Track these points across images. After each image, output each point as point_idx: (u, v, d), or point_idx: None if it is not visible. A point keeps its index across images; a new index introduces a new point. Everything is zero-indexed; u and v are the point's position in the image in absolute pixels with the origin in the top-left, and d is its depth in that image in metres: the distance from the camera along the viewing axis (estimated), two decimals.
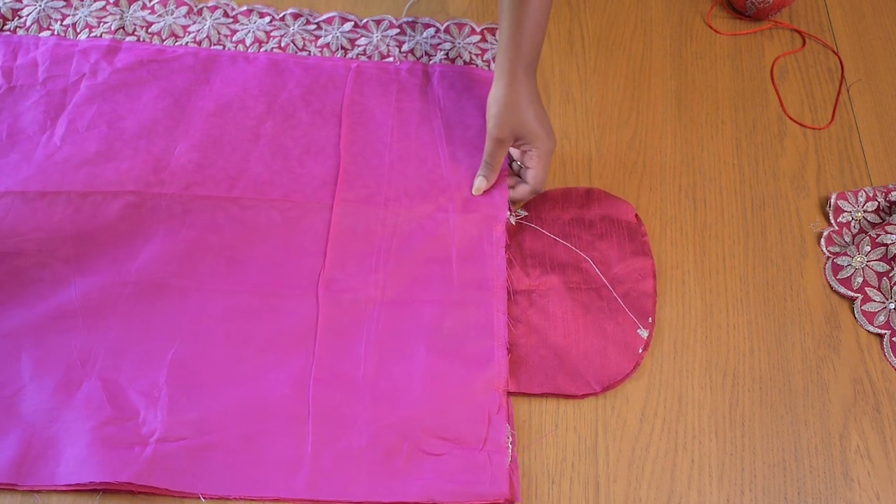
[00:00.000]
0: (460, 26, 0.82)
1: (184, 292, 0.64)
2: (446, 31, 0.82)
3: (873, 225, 0.73)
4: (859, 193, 0.74)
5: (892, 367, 0.66)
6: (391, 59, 0.79)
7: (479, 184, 0.70)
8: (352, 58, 0.79)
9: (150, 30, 0.79)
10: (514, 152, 0.72)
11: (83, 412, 0.59)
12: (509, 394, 0.63)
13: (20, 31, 0.77)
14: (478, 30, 0.82)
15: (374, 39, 0.80)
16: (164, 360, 0.61)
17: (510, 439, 0.60)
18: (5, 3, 0.79)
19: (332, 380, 0.62)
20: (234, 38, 0.79)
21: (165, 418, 0.59)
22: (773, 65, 0.84)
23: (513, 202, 0.72)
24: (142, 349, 0.62)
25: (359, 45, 0.80)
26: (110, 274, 0.64)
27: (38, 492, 0.56)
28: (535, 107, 0.67)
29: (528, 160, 0.69)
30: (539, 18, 0.67)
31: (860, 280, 0.69)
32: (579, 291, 0.67)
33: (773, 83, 0.82)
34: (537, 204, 0.72)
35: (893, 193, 0.74)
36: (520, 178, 0.72)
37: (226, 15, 0.81)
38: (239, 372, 0.61)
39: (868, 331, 0.68)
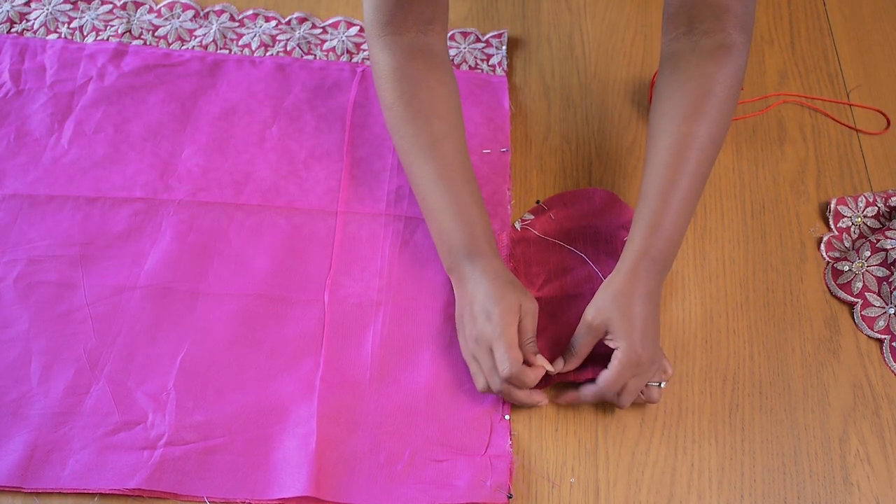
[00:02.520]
0: (465, 34, 0.83)
1: (191, 297, 0.65)
2: (451, 38, 0.82)
3: (873, 230, 0.73)
4: (859, 198, 0.75)
5: (892, 371, 0.67)
6: None
7: (556, 366, 0.62)
8: (357, 62, 0.80)
9: (156, 33, 0.79)
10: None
11: (92, 417, 0.59)
12: None
13: (28, 34, 0.78)
14: (483, 39, 0.82)
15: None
16: (172, 364, 0.62)
17: (511, 443, 0.61)
18: (13, 6, 0.79)
19: (338, 383, 0.62)
20: (241, 42, 0.80)
21: (173, 422, 0.59)
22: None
23: (571, 400, 0.63)
24: (150, 353, 0.62)
25: (364, 50, 0.81)
26: (119, 279, 0.65)
27: (39, 494, 0.57)
28: (641, 308, 0.59)
29: (612, 362, 0.59)
30: (682, 212, 0.61)
31: (860, 285, 0.70)
32: (584, 298, 0.67)
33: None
34: (549, 204, 0.72)
35: (893, 199, 0.74)
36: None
37: (232, 19, 0.81)
38: (246, 376, 0.62)
39: (868, 335, 0.68)
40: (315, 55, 0.80)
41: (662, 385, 0.62)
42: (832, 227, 0.74)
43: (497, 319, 0.59)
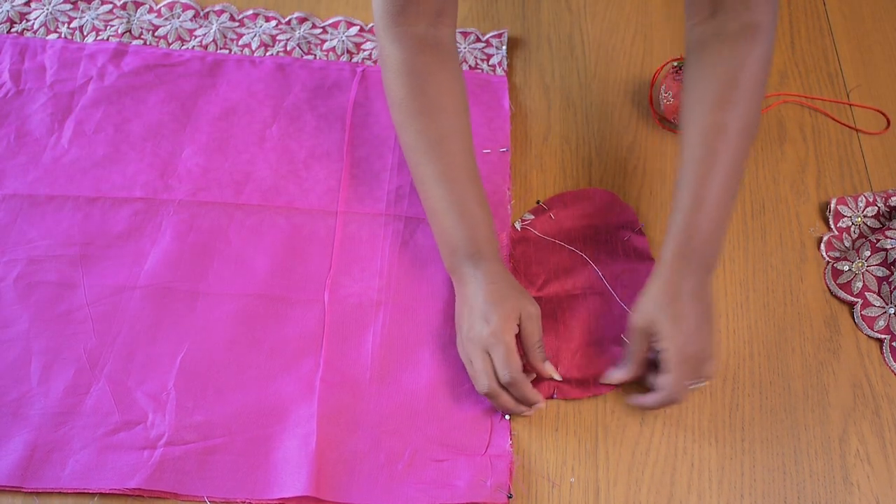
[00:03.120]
0: (465, 34, 0.83)
1: (192, 297, 0.65)
2: None
3: (873, 230, 0.73)
4: (859, 198, 0.75)
5: (892, 371, 0.67)
6: None
7: (612, 376, 0.62)
8: (357, 62, 0.80)
9: (156, 33, 0.79)
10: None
11: (92, 417, 0.59)
12: None
13: (28, 34, 0.78)
14: (483, 38, 0.82)
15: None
16: (172, 364, 0.62)
17: (511, 443, 0.61)
18: (13, 6, 0.79)
19: (338, 382, 0.62)
20: (241, 42, 0.80)
21: (173, 422, 0.59)
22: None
23: (643, 405, 0.62)
24: (150, 353, 0.62)
25: (364, 49, 0.81)
26: (119, 279, 0.65)
27: (39, 494, 0.57)
28: (687, 308, 0.58)
29: (663, 365, 0.59)
30: (718, 206, 0.59)
31: (860, 285, 0.70)
32: (584, 297, 0.67)
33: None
34: (549, 205, 0.73)
35: (893, 199, 0.74)
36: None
37: (232, 19, 0.81)
38: (246, 376, 0.62)
39: (868, 335, 0.68)
40: (315, 55, 0.80)
41: (702, 384, 0.60)
42: (832, 226, 0.74)
43: (495, 324, 0.58)
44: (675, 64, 0.76)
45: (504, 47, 0.82)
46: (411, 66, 0.63)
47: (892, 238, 0.70)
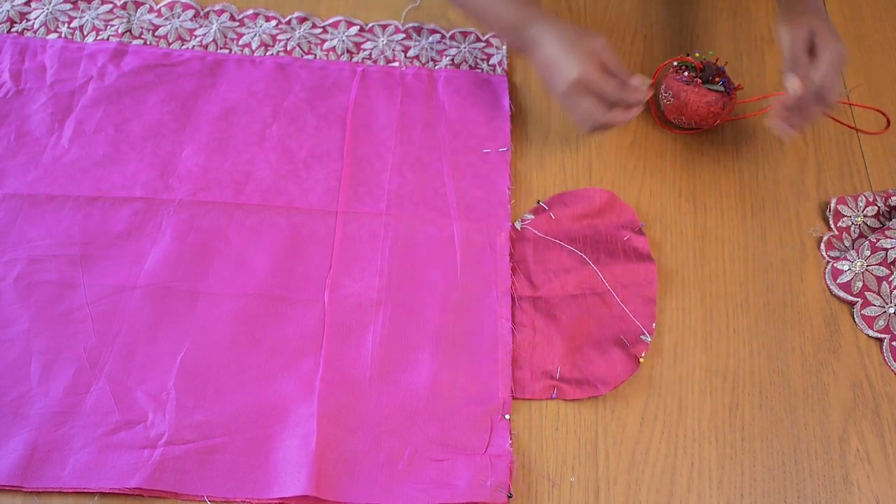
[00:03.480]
0: (465, 34, 0.83)
1: (192, 296, 0.65)
2: (452, 38, 0.82)
3: (873, 229, 0.73)
4: (859, 198, 0.75)
5: (892, 371, 0.67)
6: (396, 63, 0.80)
7: (793, 82, 0.67)
8: (357, 61, 0.80)
9: (156, 33, 0.79)
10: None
11: (92, 417, 0.59)
12: (513, 398, 0.63)
13: (28, 34, 0.78)
14: (483, 38, 0.83)
15: (380, 44, 0.81)
16: (172, 364, 0.62)
17: (511, 443, 0.61)
18: (13, 5, 0.79)
19: (338, 382, 0.62)
20: (241, 42, 0.80)
21: (173, 421, 0.59)
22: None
23: (782, 128, 0.68)
24: (150, 353, 0.62)
25: (364, 50, 0.81)
26: (119, 278, 0.65)
27: (39, 493, 0.57)
28: (822, 14, 0.68)
29: (819, 63, 0.66)
30: None
31: (860, 284, 0.70)
32: (584, 297, 0.67)
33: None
34: (549, 204, 0.73)
35: (893, 198, 0.74)
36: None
37: (232, 18, 0.81)
38: (246, 375, 0.62)
39: (868, 335, 0.69)
40: (315, 55, 0.80)
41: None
42: (832, 226, 0.74)
43: (585, 64, 0.65)
44: (676, 64, 0.76)
45: (504, 47, 0.82)
46: None
47: (892, 238, 0.70)
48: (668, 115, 0.77)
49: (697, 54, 0.76)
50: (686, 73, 0.75)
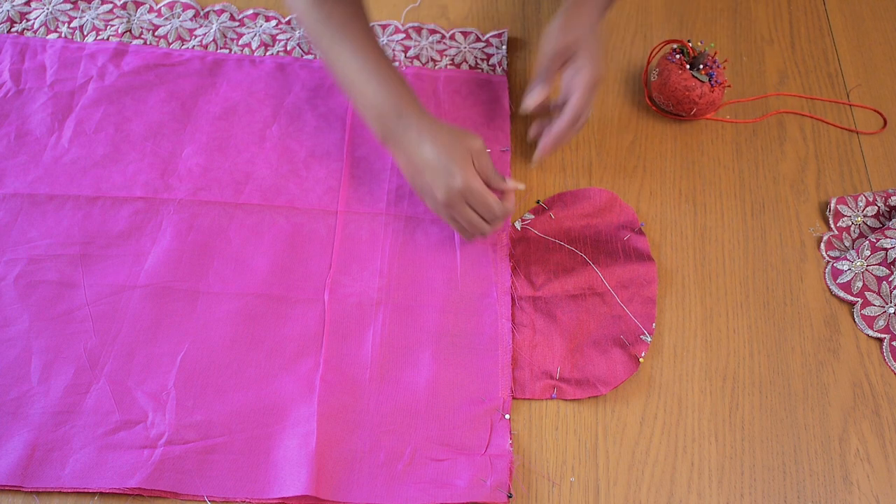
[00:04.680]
0: (465, 34, 0.83)
1: (192, 296, 0.65)
2: (451, 38, 0.82)
3: (873, 229, 0.73)
4: (859, 198, 0.75)
5: (892, 370, 0.67)
6: (396, 63, 0.80)
7: (534, 95, 0.67)
8: None
9: (156, 33, 0.79)
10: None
11: (92, 417, 0.59)
12: (513, 398, 0.63)
13: (28, 34, 0.78)
14: (483, 38, 0.83)
15: (380, 44, 0.81)
16: (172, 364, 0.62)
17: (511, 443, 0.61)
18: (13, 5, 0.79)
19: (338, 382, 0.62)
20: (241, 42, 0.80)
21: (173, 421, 0.60)
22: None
23: (547, 147, 0.68)
24: (150, 352, 0.62)
25: None
26: (119, 278, 0.65)
27: (39, 493, 0.57)
28: (594, 31, 0.66)
29: (575, 83, 0.66)
30: None
31: (860, 284, 0.70)
32: (584, 298, 0.67)
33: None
34: (549, 204, 0.73)
35: (893, 198, 0.74)
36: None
37: (232, 18, 0.81)
38: (246, 375, 0.62)
39: (867, 335, 0.69)
40: (315, 55, 0.80)
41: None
42: (832, 226, 0.74)
43: (460, 176, 0.61)
44: (676, 47, 0.76)
45: (504, 47, 0.82)
46: None
47: (892, 238, 0.70)
48: (652, 91, 0.79)
49: (700, 43, 0.77)
50: (678, 56, 0.76)
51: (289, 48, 0.80)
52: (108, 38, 0.78)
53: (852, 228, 0.74)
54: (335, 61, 0.65)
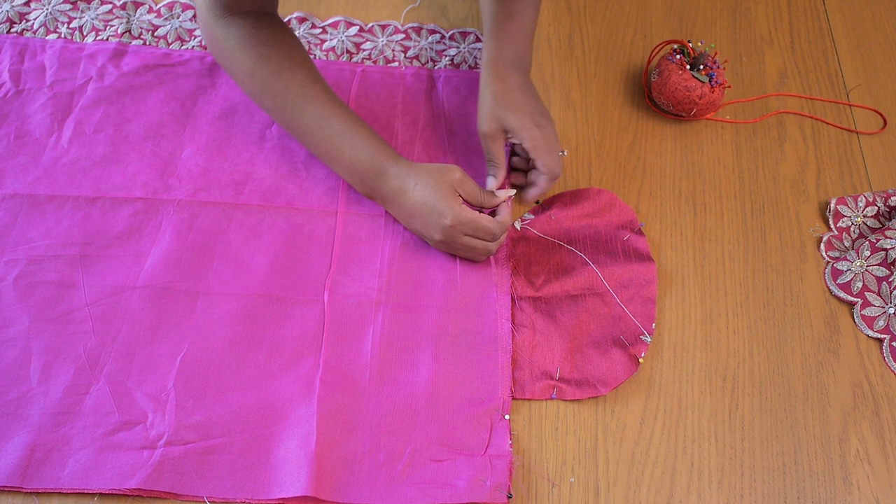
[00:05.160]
0: (465, 34, 0.83)
1: (191, 297, 0.65)
2: (451, 38, 0.82)
3: (873, 230, 0.73)
4: (859, 198, 0.75)
5: (892, 371, 0.67)
6: (396, 63, 0.80)
7: (489, 183, 0.69)
8: (357, 62, 0.80)
9: (156, 33, 0.79)
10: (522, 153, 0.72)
11: (91, 417, 0.59)
12: (512, 399, 0.63)
13: (27, 34, 0.78)
14: (483, 38, 0.82)
15: (380, 44, 0.81)
16: (172, 364, 0.62)
17: (511, 443, 0.61)
18: (13, 6, 0.79)
19: (338, 382, 0.62)
20: None
21: (173, 422, 0.59)
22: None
23: (535, 198, 0.70)
24: (150, 353, 0.62)
25: (364, 50, 0.81)
26: (119, 278, 0.65)
27: (39, 494, 0.57)
28: (521, 97, 0.67)
29: (531, 152, 0.67)
30: (523, 15, 0.68)
31: (860, 285, 0.70)
32: (583, 298, 0.67)
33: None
34: (549, 204, 0.73)
35: (893, 198, 0.74)
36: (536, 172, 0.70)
37: None
38: (246, 375, 0.62)
39: (867, 335, 0.68)
40: (315, 55, 0.80)
41: (565, 153, 0.70)
42: (832, 226, 0.74)
43: (450, 213, 0.63)
44: (677, 47, 0.76)
45: None
46: (256, 37, 0.66)
47: (892, 238, 0.70)
48: (653, 92, 0.79)
49: (700, 44, 0.77)
50: (679, 57, 0.76)
51: None
52: (107, 39, 0.78)
53: (852, 229, 0.74)
54: (304, 130, 0.66)
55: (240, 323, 0.64)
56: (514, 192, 0.68)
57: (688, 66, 0.76)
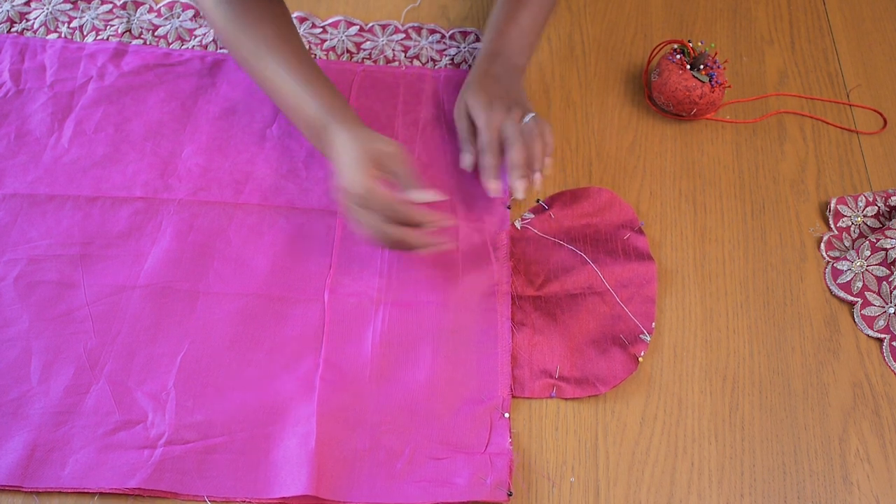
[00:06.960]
0: (465, 34, 0.83)
1: (192, 296, 0.65)
2: (451, 37, 0.82)
3: (873, 229, 0.73)
4: (859, 198, 0.75)
5: (892, 371, 0.67)
6: (396, 63, 0.80)
7: (463, 160, 0.70)
8: (357, 61, 0.80)
9: (156, 33, 0.79)
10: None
11: (92, 417, 0.59)
12: (512, 397, 0.63)
13: (28, 34, 0.78)
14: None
15: (380, 44, 0.81)
16: (172, 364, 0.62)
17: (511, 442, 0.61)
18: (13, 5, 0.79)
19: (338, 381, 0.62)
20: None
21: (173, 421, 0.59)
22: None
23: (524, 190, 0.67)
24: (150, 352, 0.62)
25: (364, 49, 0.81)
26: (119, 278, 0.65)
27: (39, 493, 0.57)
28: (491, 78, 0.70)
29: (479, 131, 0.68)
30: (525, 20, 0.71)
31: (860, 284, 0.70)
32: (583, 297, 0.67)
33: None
34: (550, 203, 0.73)
35: (893, 198, 0.74)
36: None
37: None
38: (246, 375, 0.62)
39: (867, 335, 0.68)
40: (315, 55, 0.80)
41: (528, 118, 0.68)
42: (832, 226, 0.74)
43: (354, 176, 0.59)
44: (677, 47, 0.76)
45: None
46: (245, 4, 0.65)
47: (892, 238, 0.70)
48: (653, 91, 0.79)
49: (700, 44, 0.77)
50: (679, 57, 0.76)
51: None
52: (107, 38, 0.78)
53: (852, 228, 0.74)
54: (261, 72, 0.66)
55: (240, 322, 0.64)
56: (433, 196, 0.62)
57: (688, 66, 0.76)
